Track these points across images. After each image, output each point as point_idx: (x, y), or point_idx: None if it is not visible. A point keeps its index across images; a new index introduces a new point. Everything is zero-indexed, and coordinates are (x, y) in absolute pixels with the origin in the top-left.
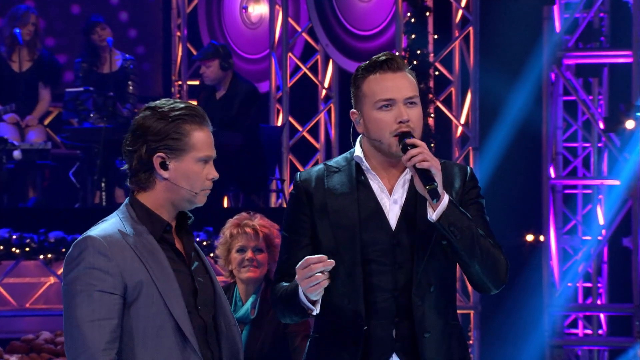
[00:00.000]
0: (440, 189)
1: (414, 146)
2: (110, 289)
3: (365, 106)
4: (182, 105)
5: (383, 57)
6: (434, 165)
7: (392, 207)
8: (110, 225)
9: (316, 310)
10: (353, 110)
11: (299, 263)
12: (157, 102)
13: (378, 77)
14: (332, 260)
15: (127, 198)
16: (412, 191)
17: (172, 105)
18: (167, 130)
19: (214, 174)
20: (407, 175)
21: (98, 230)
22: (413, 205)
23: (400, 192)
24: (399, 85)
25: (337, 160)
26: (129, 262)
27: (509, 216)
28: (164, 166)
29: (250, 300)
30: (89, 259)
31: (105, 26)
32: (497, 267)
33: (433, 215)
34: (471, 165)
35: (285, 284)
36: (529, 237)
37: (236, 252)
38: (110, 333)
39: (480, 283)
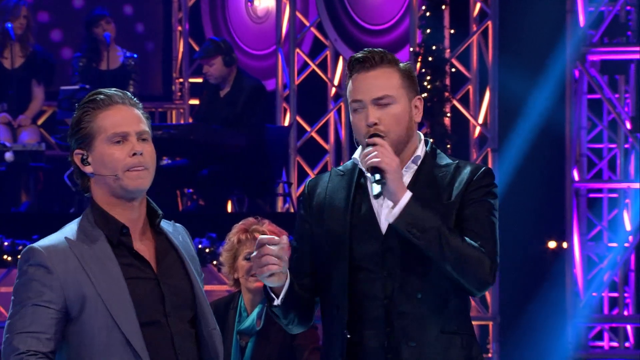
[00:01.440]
0: (394, 187)
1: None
2: (46, 303)
3: (349, 108)
4: (96, 91)
5: (360, 55)
6: (386, 163)
7: (384, 211)
8: (61, 233)
9: (277, 301)
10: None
11: (260, 237)
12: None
13: (354, 78)
14: (283, 238)
15: (90, 205)
16: (411, 191)
17: (87, 95)
18: (76, 123)
19: (137, 148)
20: (407, 174)
21: (45, 240)
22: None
23: None
24: (368, 85)
25: (347, 164)
26: (72, 275)
27: (530, 222)
28: (84, 162)
29: (256, 310)
30: (30, 271)
31: (111, 20)
32: (473, 268)
33: (389, 216)
34: (490, 166)
35: None
36: (551, 244)
37: (244, 259)
38: (42, 343)
39: (459, 284)
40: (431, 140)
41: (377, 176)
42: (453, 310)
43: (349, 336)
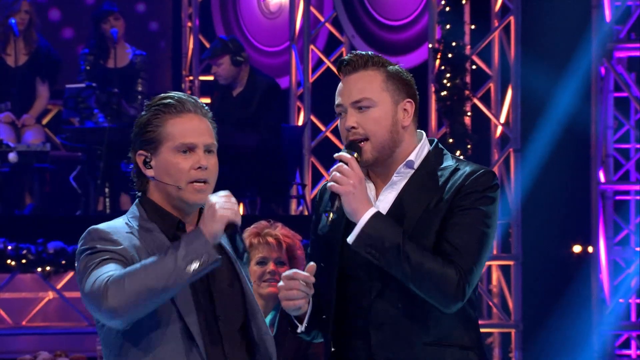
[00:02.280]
0: (352, 208)
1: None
2: (120, 257)
3: None
4: (165, 96)
5: (344, 58)
6: (340, 188)
7: None
8: (115, 221)
9: (300, 328)
10: None
11: (285, 273)
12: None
13: (340, 82)
14: (307, 274)
15: (137, 202)
16: (401, 199)
17: (160, 97)
18: (144, 123)
19: (202, 163)
20: (397, 184)
21: (102, 224)
22: (399, 214)
23: (386, 201)
24: (348, 88)
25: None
26: (138, 252)
27: (554, 225)
28: (146, 164)
29: (269, 317)
30: (94, 245)
31: (119, 16)
32: (435, 285)
33: (349, 238)
34: (512, 168)
35: None
36: (577, 249)
37: (256, 264)
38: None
39: (429, 300)
40: (436, 140)
41: (332, 210)
42: (440, 321)
43: (332, 349)
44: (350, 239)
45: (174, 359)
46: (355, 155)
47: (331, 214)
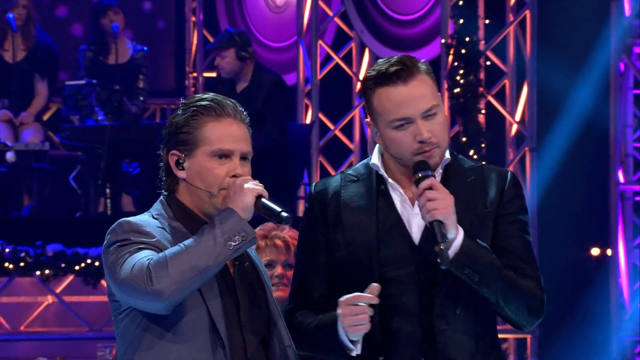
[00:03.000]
0: (452, 229)
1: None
2: (152, 246)
3: (379, 123)
4: (208, 96)
5: (392, 68)
6: (445, 215)
7: (414, 219)
8: (142, 216)
9: (357, 351)
10: (368, 121)
11: (345, 297)
12: (196, 95)
13: (389, 92)
14: (371, 296)
15: (162, 199)
16: None
17: (198, 97)
18: (179, 125)
19: (237, 171)
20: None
21: (132, 217)
22: None
23: None
24: (414, 98)
25: (357, 167)
26: (170, 245)
27: (571, 227)
28: (179, 165)
29: None
30: (129, 237)
31: (119, 10)
32: (526, 305)
33: (441, 259)
34: (528, 168)
35: (307, 318)
36: (595, 251)
37: None
38: None
39: (508, 319)
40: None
41: (446, 241)
42: (487, 327)
43: (381, 358)
44: (444, 262)
45: (200, 355)
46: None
47: (444, 245)
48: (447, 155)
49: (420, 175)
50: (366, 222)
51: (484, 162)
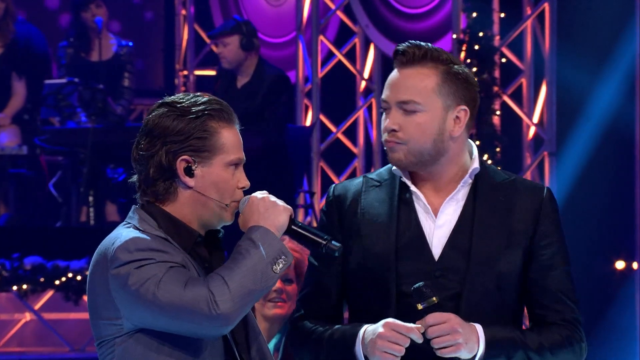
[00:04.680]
0: (467, 353)
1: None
2: (181, 265)
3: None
4: (205, 99)
5: (400, 47)
6: (455, 351)
7: (436, 232)
8: (131, 232)
9: None
10: None
11: (394, 321)
12: (173, 97)
13: (392, 72)
14: (415, 327)
15: (139, 207)
16: (465, 213)
17: (193, 100)
18: (191, 128)
19: (245, 182)
20: (459, 193)
21: (134, 233)
22: (466, 231)
23: (450, 214)
24: (397, 84)
25: (381, 171)
26: (176, 258)
27: (594, 239)
28: (189, 172)
29: (274, 341)
30: (152, 257)
31: (102, 3)
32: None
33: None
34: (546, 174)
35: (319, 327)
36: (619, 265)
37: None
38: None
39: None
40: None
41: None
42: None
43: None
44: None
45: None
46: (435, 298)
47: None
48: (476, 164)
49: (421, 306)
50: (385, 231)
51: (516, 175)
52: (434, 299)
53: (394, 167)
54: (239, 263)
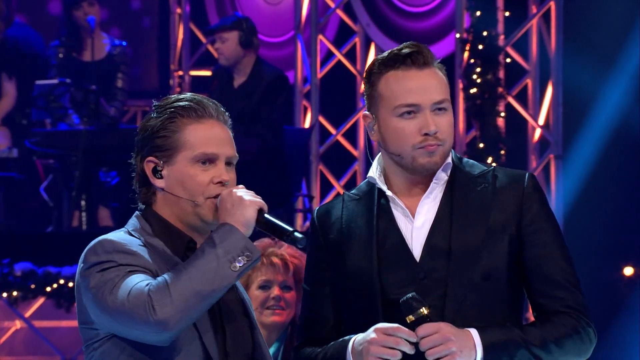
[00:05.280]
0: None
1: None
2: (145, 268)
3: (381, 110)
4: (180, 97)
5: (407, 49)
6: (454, 357)
7: (416, 233)
8: (122, 233)
9: None
10: (366, 112)
11: (383, 325)
12: (170, 96)
13: (399, 75)
14: (414, 333)
15: (137, 212)
16: (442, 211)
17: (175, 98)
18: (154, 128)
19: (223, 177)
20: (434, 192)
21: (110, 235)
22: (444, 228)
23: (426, 214)
24: (426, 86)
25: (360, 185)
26: (158, 267)
27: (601, 244)
28: (156, 173)
29: (272, 349)
30: (113, 259)
31: (94, 2)
32: (577, 353)
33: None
34: (552, 178)
35: (315, 350)
36: (628, 271)
37: (258, 288)
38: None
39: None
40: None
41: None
42: None
43: None
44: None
45: None
46: (424, 309)
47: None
48: (449, 159)
49: (412, 318)
50: (365, 243)
51: (494, 164)
52: (423, 310)
53: (369, 175)
54: (190, 264)
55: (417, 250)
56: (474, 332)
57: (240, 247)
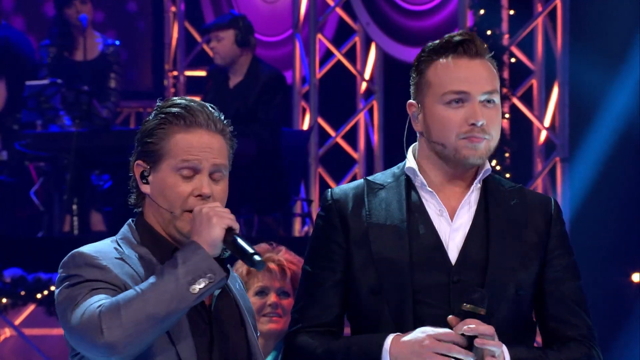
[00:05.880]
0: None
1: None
2: (112, 284)
3: (428, 98)
4: (181, 102)
5: (459, 37)
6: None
7: (452, 236)
8: (103, 243)
9: None
10: (411, 101)
11: (436, 331)
12: (174, 98)
13: (450, 63)
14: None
15: (130, 220)
16: (482, 215)
17: (171, 102)
18: (145, 132)
19: (203, 190)
20: (474, 194)
21: (88, 247)
22: (481, 237)
23: (466, 216)
24: (477, 75)
25: (381, 176)
26: (131, 281)
27: (608, 249)
28: (144, 178)
29: (270, 358)
30: (80, 273)
31: (87, 0)
32: None
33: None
34: (558, 181)
35: (323, 340)
36: (636, 277)
37: (254, 295)
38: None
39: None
40: None
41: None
42: None
43: None
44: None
45: None
46: (485, 312)
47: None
48: (488, 165)
49: (469, 307)
50: (397, 238)
51: (519, 185)
52: (481, 310)
53: (408, 166)
54: (147, 285)
55: (452, 253)
56: (504, 346)
57: (203, 267)
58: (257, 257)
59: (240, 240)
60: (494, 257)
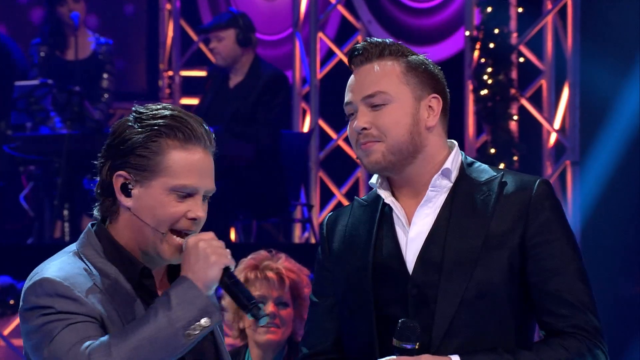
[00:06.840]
0: None
1: None
2: (88, 316)
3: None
4: (170, 113)
5: (357, 45)
6: None
7: (410, 244)
8: (69, 265)
9: None
10: None
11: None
12: (151, 104)
13: (351, 77)
14: None
15: (90, 225)
16: (440, 221)
17: (157, 111)
18: (135, 143)
19: (197, 214)
20: (434, 201)
21: (53, 269)
22: (440, 240)
23: (422, 223)
24: (358, 82)
25: (370, 193)
26: (104, 308)
27: (620, 256)
28: (125, 190)
29: None
30: (53, 305)
31: None
32: None
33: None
34: (569, 185)
35: None
36: None
37: None
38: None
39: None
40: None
41: None
42: None
43: None
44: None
45: None
46: (417, 345)
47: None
48: (448, 164)
49: (398, 344)
50: (363, 251)
51: (507, 170)
52: (406, 346)
53: (371, 181)
54: (139, 328)
55: (410, 262)
56: (454, 357)
57: (199, 308)
58: (259, 312)
59: (239, 285)
60: (448, 257)
